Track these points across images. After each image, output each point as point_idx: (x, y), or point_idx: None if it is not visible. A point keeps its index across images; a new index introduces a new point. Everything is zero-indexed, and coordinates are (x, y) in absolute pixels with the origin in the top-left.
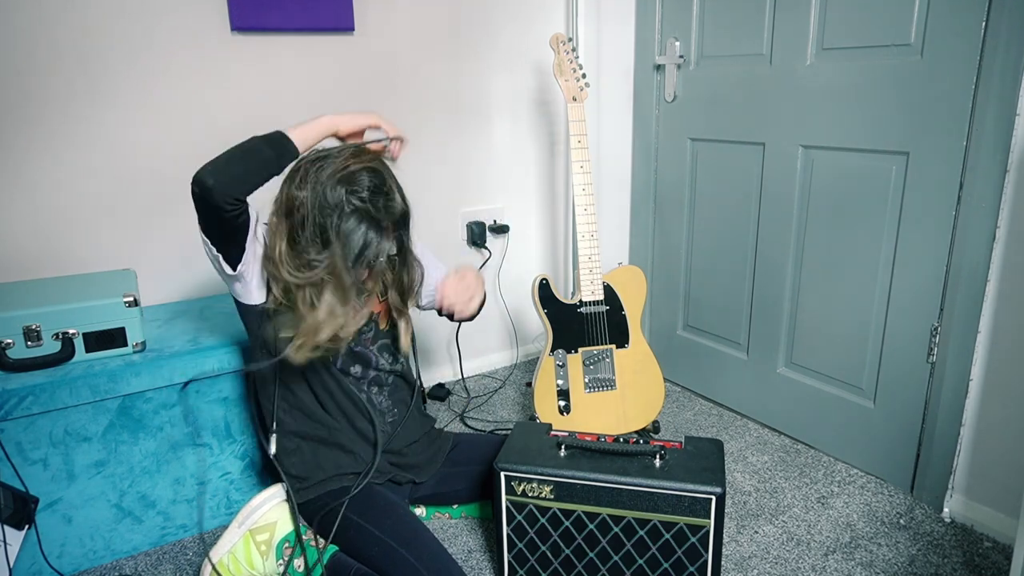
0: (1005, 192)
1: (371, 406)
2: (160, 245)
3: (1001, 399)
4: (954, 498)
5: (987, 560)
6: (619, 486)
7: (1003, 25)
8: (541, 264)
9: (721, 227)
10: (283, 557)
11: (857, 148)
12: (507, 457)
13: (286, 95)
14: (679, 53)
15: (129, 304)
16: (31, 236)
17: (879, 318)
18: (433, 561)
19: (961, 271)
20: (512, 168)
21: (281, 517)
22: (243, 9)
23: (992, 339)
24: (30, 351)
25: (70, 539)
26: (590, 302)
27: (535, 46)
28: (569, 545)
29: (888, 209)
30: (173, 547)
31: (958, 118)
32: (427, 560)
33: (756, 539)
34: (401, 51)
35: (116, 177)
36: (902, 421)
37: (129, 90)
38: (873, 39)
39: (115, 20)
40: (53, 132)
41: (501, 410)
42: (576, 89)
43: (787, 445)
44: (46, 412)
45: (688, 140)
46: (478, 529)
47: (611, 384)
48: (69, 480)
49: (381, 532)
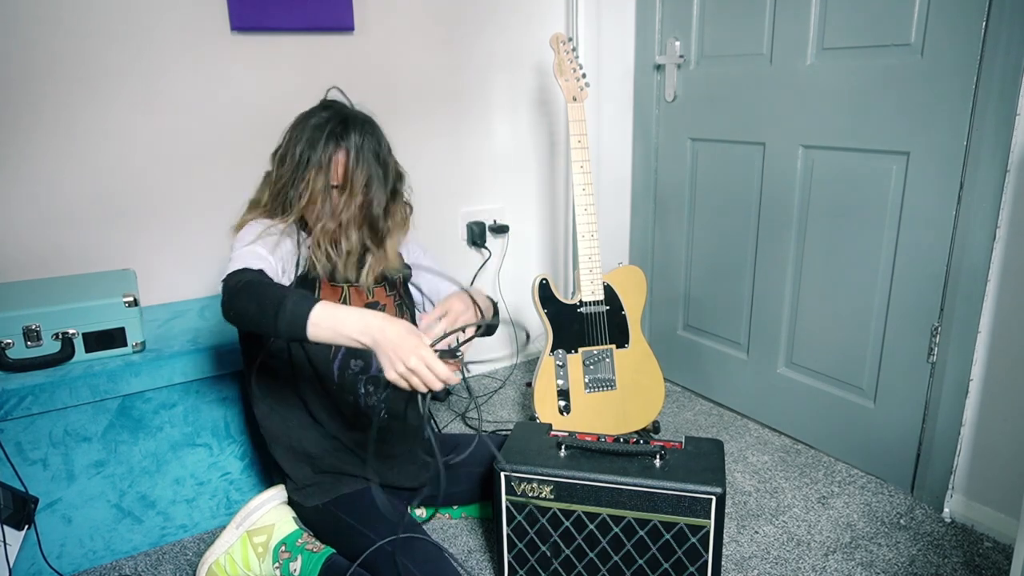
0: (1005, 192)
1: (359, 408)
2: (160, 245)
3: (1001, 399)
4: (954, 498)
5: (987, 560)
6: (619, 486)
7: (1003, 25)
8: (541, 264)
9: (721, 227)
10: (278, 560)
11: (857, 148)
12: (507, 457)
13: (286, 95)
14: (679, 53)
15: (129, 304)
16: (31, 236)
17: (879, 318)
18: (428, 565)
19: (961, 271)
20: (512, 168)
21: (279, 519)
22: (243, 9)
23: (992, 339)
24: (30, 351)
25: (70, 539)
26: (590, 302)
27: (535, 46)
28: (569, 545)
29: (888, 209)
30: (173, 547)
31: (958, 118)
32: (422, 564)
33: (756, 539)
34: (401, 51)
35: (116, 177)
36: (902, 421)
37: (129, 90)
38: (873, 39)
39: (115, 20)
40: (53, 132)
41: (501, 410)
42: (576, 89)
43: (787, 445)
44: (46, 412)
45: (688, 140)
46: (478, 529)
47: (611, 384)
48: (69, 480)
49: (376, 535)
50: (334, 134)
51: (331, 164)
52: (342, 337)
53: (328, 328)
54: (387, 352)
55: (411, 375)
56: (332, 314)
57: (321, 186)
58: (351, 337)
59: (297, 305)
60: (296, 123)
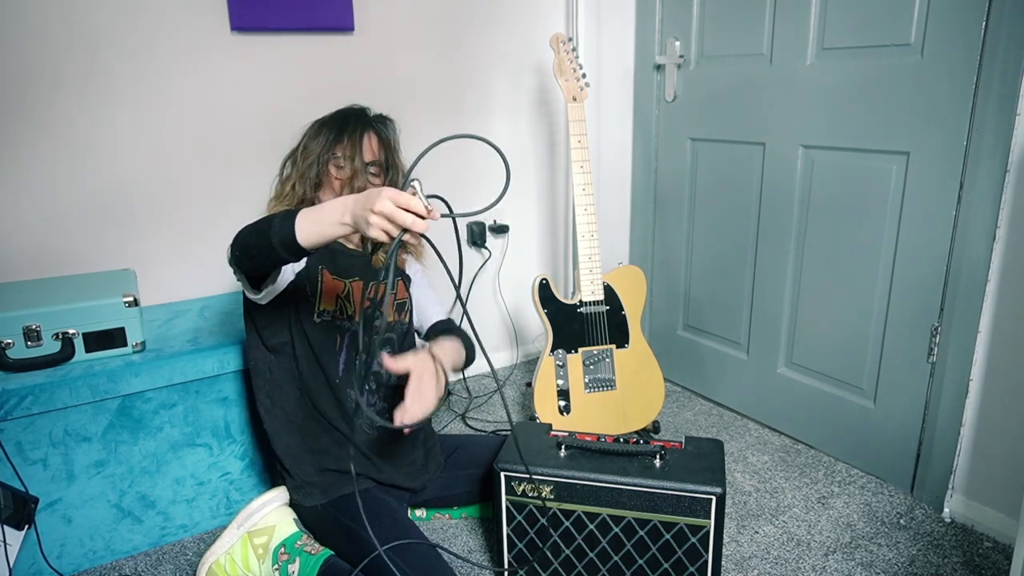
0: (1005, 192)
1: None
2: (160, 245)
3: (1001, 399)
4: (954, 498)
5: (987, 560)
6: (619, 486)
7: (1003, 25)
8: (541, 264)
9: (721, 227)
10: (277, 562)
11: (857, 148)
12: (507, 457)
13: (286, 95)
14: (679, 53)
15: (129, 304)
16: (31, 236)
17: (879, 318)
18: (424, 569)
19: (961, 271)
20: (512, 168)
21: (280, 521)
22: (243, 9)
23: (992, 339)
24: (30, 351)
25: (70, 539)
26: (590, 302)
27: (535, 46)
28: (569, 545)
29: (888, 209)
30: (173, 547)
31: (958, 118)
32: (418, 568)
33: (756, 539)
34: (401, 51)
35: (116, 177)
36: (902, 421)
37: (128, 89)
38: (873, 39)
39: (115, 20)
40: (53, 132)
41: (501, 410)
42: (576, 89)
43: (787, 445)
44: (46, 412)
45: (688, 140)
46: (478, 529)
47: (611, 384)
48: (69, 480)
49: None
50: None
51: (363, 141)
52: (328, 225)
53: (314, 222)
54: (359, 214)
55: (385, 221)
56: (313, 211)
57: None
58: (333, 221)
59: (284, 217)
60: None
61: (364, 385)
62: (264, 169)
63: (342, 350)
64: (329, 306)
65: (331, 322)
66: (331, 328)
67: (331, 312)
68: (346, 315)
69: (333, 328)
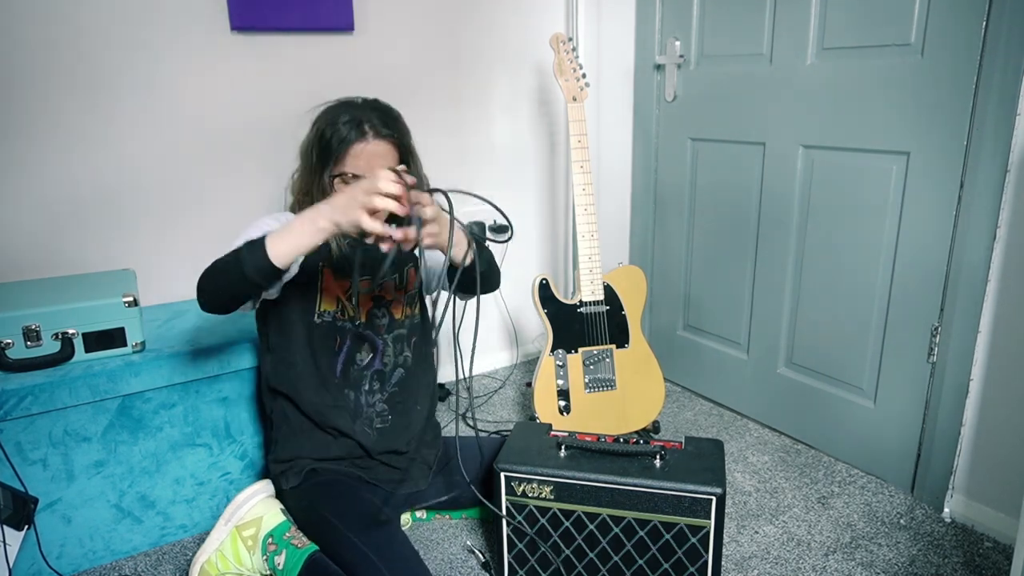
0: (1005, 192)
1: (358, 408)
2: (160, 245)
3: (1001, 399)
4: (954, 498)
5: (987, 560)
6: (619, 486)
7: (1003, 25)
8: (541, 264)
9: (721, 227)
10: (266, 553)
11: (857, 148)
12: (507, 457)
13: (286, 95)
14: (679, 53)
15: (129, 304)
16: (31, 236)
17: (879, 318)
18: (404, 571)
19: (961, 271)
20: (512, 168)
21: (267, 511)
22: (243, 9)
23: (992, 339)
24: (30, 351)
25: (69, 539)
26: (590, 302)
27: (535, 46)
28: (569, 545)
29: (888, 209)
30: (172, 547)
31: (958, 118)
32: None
33: (756, 539)
34: (401, 50)
35: (116, 177)
36: (902, 421)
37: (128, 89)
38: (873, 39)
39: (114, 19)
40: (52, 132)
41: (501, 410)
42: (576, 89)
43: (787, 445)
44: (45, 412)
45: (688, 140)
46: (478, 529)
47: (611, 384)
48: (68, 480)
49: (355, 536)
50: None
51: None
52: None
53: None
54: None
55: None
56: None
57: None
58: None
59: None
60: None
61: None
62: (264, 169)
63: (341, 351)
64: (330, 307)
65: (331, 323)
66: (331, 329)
67: (332, 313)
68: (347, 316)
69: (333, 329)
